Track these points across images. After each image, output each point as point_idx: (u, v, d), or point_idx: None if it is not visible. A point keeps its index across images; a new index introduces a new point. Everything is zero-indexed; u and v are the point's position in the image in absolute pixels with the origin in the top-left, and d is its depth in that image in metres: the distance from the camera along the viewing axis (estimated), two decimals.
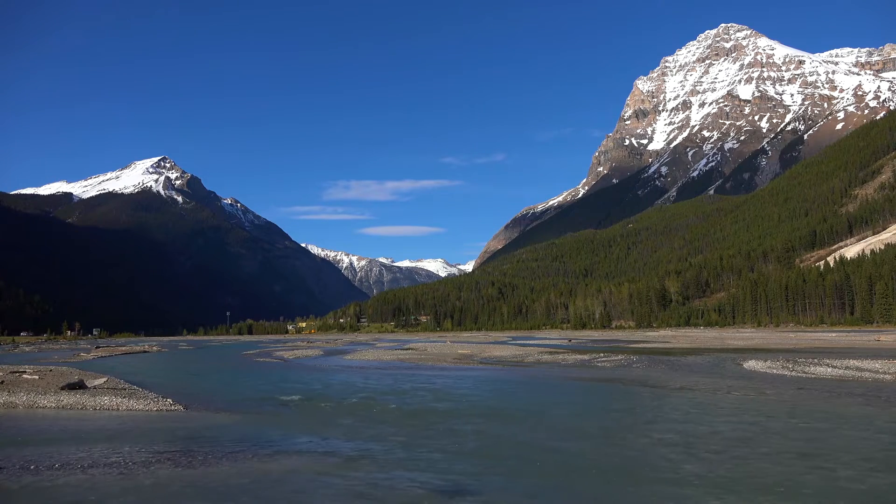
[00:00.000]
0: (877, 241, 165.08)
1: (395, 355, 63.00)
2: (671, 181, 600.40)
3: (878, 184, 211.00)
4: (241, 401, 28.76)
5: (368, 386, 34.39)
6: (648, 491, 13.13)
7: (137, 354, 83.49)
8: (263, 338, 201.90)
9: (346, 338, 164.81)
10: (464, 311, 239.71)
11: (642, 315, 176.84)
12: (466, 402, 26.93)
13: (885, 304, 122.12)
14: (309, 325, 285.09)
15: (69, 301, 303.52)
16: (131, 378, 38.34)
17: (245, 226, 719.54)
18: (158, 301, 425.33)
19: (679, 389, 29.66)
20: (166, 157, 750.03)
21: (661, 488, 13.22)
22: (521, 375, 39.95)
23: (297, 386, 34.92)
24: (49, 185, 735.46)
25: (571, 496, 13.04)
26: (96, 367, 51.19)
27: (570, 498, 12.95)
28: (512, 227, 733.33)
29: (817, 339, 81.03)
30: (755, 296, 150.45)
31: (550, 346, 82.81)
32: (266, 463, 15.77)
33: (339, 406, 26.39)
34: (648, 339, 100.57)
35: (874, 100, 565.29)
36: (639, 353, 57.18)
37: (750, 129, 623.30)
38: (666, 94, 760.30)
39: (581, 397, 29.38)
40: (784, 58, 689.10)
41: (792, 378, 33.02)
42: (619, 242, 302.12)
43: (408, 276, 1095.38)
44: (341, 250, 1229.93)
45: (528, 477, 14.52)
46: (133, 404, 25.74)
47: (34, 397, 27.03)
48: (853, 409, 22.48)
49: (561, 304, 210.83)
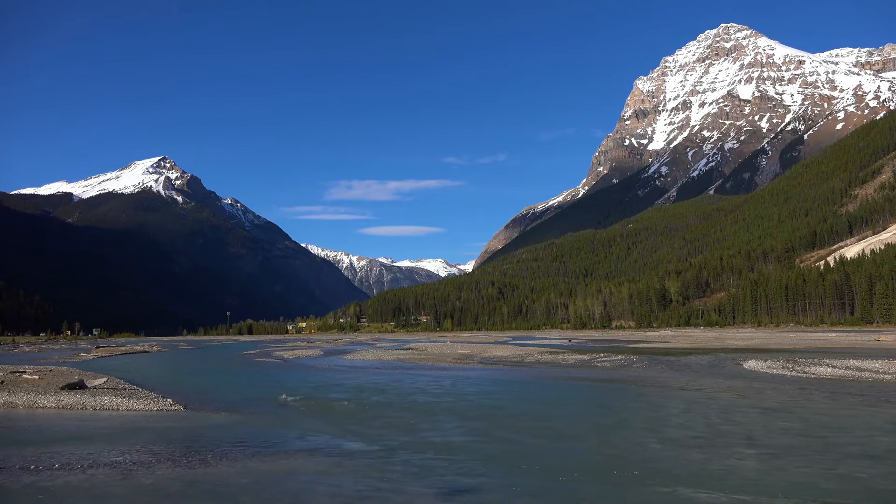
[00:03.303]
0: (877, 241, 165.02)
1: (395, 355, 62.99)
2: (671, 181, 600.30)
3: (878, 184, 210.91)
4: (241, 401, 28.77)
5: (368, 386, 34.40)
6: (649, 490, 13.14)
7: (137, 354, 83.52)
8: (263, 338, 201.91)
9: (346, 338, 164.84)
10: (464, 311, 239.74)
11: (642, 315, 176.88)
12: (466, 401, 26.94)
13: (885, 304, 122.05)
14: (309, 325, 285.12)
15: (69, 301, 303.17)
16: (131, 378, 38.34)
17: (245, 226, 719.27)
18: (158, 301, 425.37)
19: (679, 389, 29.67)
20: (166, 157, 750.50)
21: (662, 488, 13.23)
22: (521, 375, 39.95)
23: (297, 386, 34.92)
24: (49, 185, 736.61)
25: (571, 496, 13.04)
26: (96, 367, 51.20)
27: (570, 498, 12.94)
28: (512, 227, 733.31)
29: (817, 339, 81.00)
30: (755, 296, 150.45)
31: (550, 346, 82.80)
32: (266, 463, 15.77)
33: (338, 406, 26.40)
34: (648, 339, 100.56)
35: (874, 100, 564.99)
36: (639, 353, 57.18)
37: (750, 129, 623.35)
38: (666, 94, 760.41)
39: (581, 397, 29.39)
40: (784, 58, 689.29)
41: (792, 378, 33.02)
42: (619, 242, 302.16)
43: (408, 276, 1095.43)
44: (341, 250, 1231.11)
45: (528, 476, 14.52)
46: (133, 404, 25.75)
47: (34, 397, 27.04)
48: (853, 409, 22.49)
49: (561, 304, 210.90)
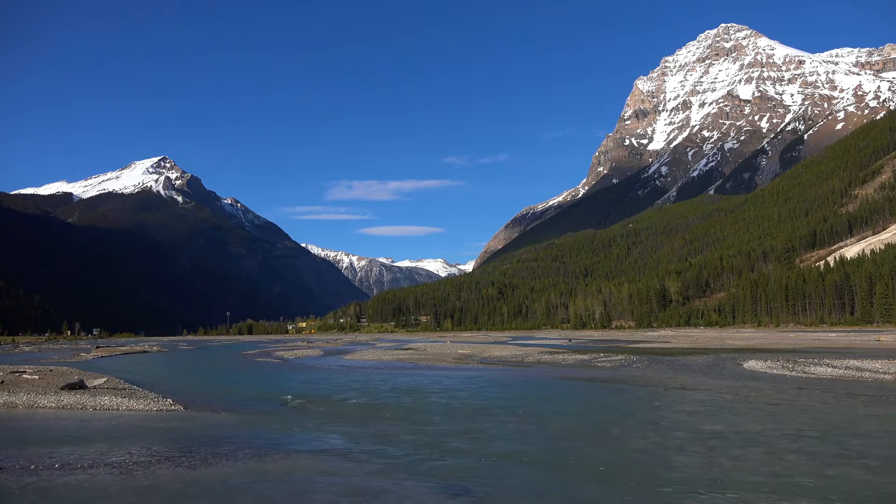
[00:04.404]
0: (877, 241, 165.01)
1: (394, 355, 62.98)
2: (671, 181, 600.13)
3: (878, 184, 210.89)
4: (241, 401, 28.77)
5: (368, 386, 34.40)
6: (648, 490, 13.13)
7: (137, 354, 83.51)
8: (263, 338, 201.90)
9: (346, 338, 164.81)
10: (464, 311, 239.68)
11: (642, 315, 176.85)
12: (466, 401, 26.94)
13: (885, 304, 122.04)
14: (309, 325, 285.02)
15: (69, 301, 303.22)
16: (131, 378, 38.35)
17: (245, 226, 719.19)
18: (158, 301, 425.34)
19: (679, 389, 29.67)
20: (166, 157, 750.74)
21: (661, 487, 13.23)
22: (521, 375, 39.94)
23: (297, 386, 34.93)
24: (49, 185, 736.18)
25: (572, 496, 13.05)
26: (96, 367, 51.21)
27: (570, 497, 12.95)
28: (512, 227, 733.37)
29: (817, 339, 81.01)
30: (755, 296, 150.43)
31: (550, 346, 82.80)
32: (266, 463, 15.77)
33: (338, 406, 26.41)
34: (648, 339, 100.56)
35: (874, 100, 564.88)
36: (639, 353, 57.19)
37: (750, 129, 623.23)
38: (666, 94, 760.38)
39: (581, 397, 29.38)
40: (784, 58, 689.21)
41: (792, 378, 33.03)
42: (619, 242, 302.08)
43: (408, 276, 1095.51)
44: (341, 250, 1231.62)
45: (528, 476, 14.52)
46: (133, 404, 25.75)
47: (34, 397, 27.04)
48: (853, 409, 22.49)
49: (561, 304, 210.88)
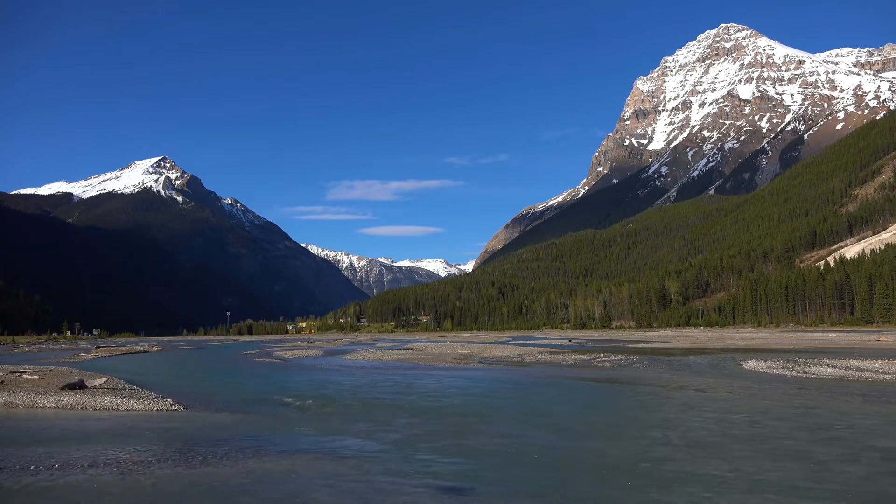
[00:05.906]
0: (877, 241, 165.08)
1: (395, 355, 62.95)
2: (671, 181, 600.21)
3: (878, 184, 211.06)
4: (241, 401, 28.76)
5: (368, 386, 34.39)
6: (648, 490, 13.12)
7: (137, 354, 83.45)
8: (263, 338, 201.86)
9: (346, 338, 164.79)
10: (464, 311, 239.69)
11: (642, 315, 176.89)
12: (466, 401, 26.93)
13: (885, 304, 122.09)
14: (309, 325, 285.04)
15: (69, 301, 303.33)
16: (131, 378, 38.32)
17: (245, 226, 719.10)
18: (158, 301, 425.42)
19: (679, 389, 29.66)
20: (166, 157, 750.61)
21: (661, 487, 13.22)
22: (521, 375, 39.93)
23: (297, 386, 34.92)
24: (49, 185, 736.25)
25: (572, 495, 13.04)
26: (96, 367, 51.18)
27: (570, 497, 12.94)
28: (512, 227, 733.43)
29: (817, 339, 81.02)
30: (755, 296, 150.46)
31: (550, 346, 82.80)
32: (266, 463, 15.76)
33: (338, 406, 26.39)
34: (648, 339, 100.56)
35: (874, 100, 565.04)
36: (639, 353, 57.18)
37: (750, 129, 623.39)
38: (666, 94, 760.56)
39: (581, 397, 29.38)
40: (784, 58, 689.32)
41: (792, 378, 33.02)
42: (619, 242, 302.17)
43: (408, 276, 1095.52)
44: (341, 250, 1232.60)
45: (528, 476, 14.52)
46: (133, 404, 25.74)
47: (34, 397, 27.03)
48: (853, 409, 22.48)
49: (561, 304, 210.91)
